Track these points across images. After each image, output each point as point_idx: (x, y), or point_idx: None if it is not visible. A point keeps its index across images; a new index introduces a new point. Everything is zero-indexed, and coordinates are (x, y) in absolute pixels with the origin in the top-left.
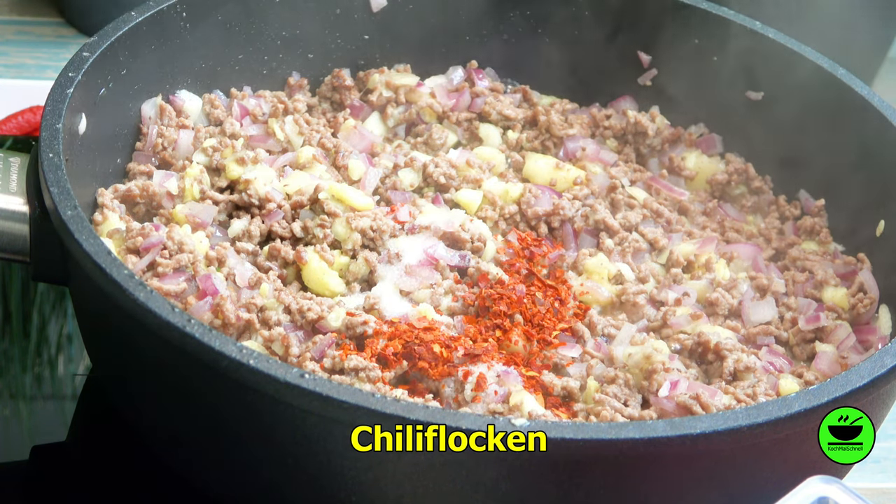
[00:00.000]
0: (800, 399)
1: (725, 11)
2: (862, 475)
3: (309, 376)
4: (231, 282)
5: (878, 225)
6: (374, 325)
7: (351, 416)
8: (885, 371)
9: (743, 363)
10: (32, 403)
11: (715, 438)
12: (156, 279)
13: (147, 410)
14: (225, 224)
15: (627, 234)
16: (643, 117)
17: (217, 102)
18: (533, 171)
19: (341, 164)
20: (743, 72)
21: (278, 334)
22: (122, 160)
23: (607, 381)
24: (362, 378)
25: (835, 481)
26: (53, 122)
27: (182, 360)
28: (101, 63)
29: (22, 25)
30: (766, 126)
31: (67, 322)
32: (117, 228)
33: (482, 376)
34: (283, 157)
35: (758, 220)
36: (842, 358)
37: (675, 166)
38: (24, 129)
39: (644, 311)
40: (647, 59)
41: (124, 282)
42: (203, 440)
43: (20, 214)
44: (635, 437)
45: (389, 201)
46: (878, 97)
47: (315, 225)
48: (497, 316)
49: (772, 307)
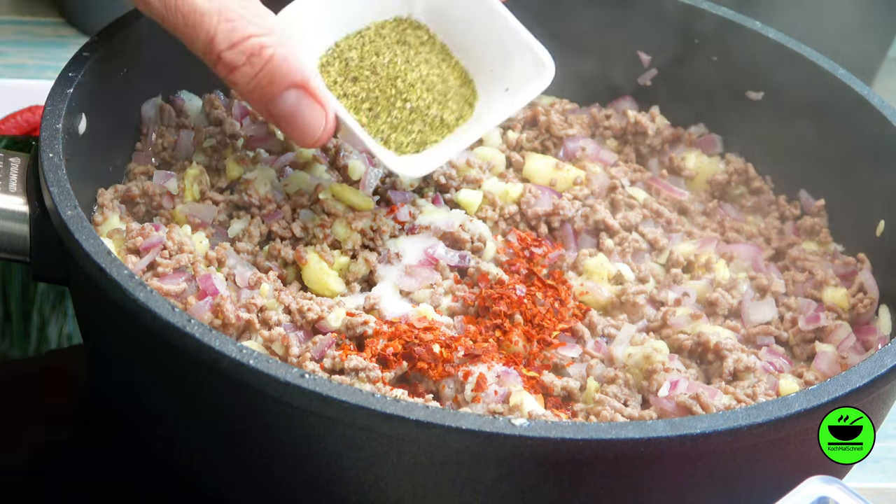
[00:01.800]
0: (800, 399)
1: (725, 11)
2: (862, 475)
3: (309, 376)
4: (231, 282)
5: (878, 225)
6: (374, 326)
7: (351, 416)
8: (885, 371)
9: (743, 363)
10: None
11: (715, 438)
12: (156, 279)
13: (147, 411)
14: (225, 224)
15: (627, 234)
16: (643, 117)
17: (217, 102)
18: (533, 171)
19: (341, 165)
20: (743, 72)
21: (278, 334)
22: (122, 160)
23: (607, 382)
24: (362, 378)
25: (835, 481)
26: (53, 122)
27: (182, 361)
28: (101, 63)
29: (22, 25)
30: (766, 126)
31: (67, 322)
32: (117, 228)
33: (482, 376)
34: (283, 158)
35: (758, 220)
36: (842, 358)
37: (675, 166)
38: (23, 128)
39: (644, 312)
40: (647, 59)
41: (124, 282)
42: (203, 440)
43: (20, 214)
44: (635, 437)
45: (389, 201)
46: (878, 97)
47: (315, 225)
48: (497, 316)
49: (772, 307)
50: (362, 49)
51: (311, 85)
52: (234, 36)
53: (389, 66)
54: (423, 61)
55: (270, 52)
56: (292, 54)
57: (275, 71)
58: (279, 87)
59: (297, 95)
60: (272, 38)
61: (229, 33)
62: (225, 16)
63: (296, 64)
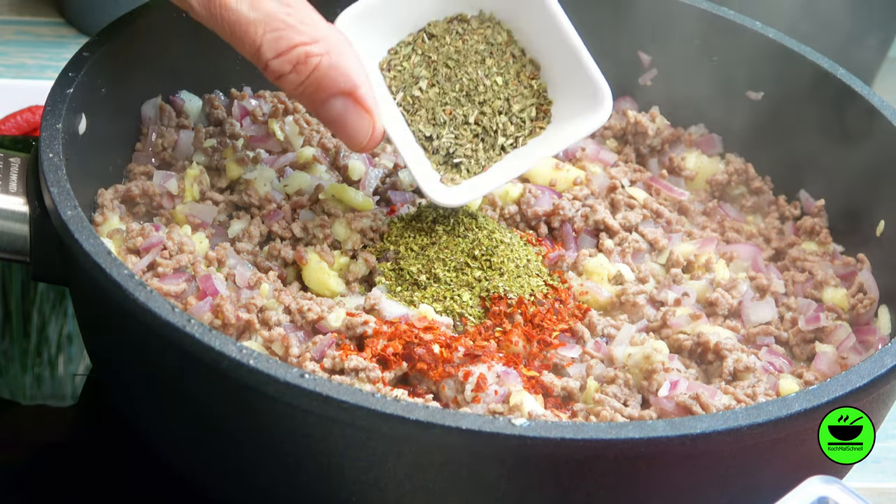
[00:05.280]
0: (800, 399)
1: (725, 11)
2: (862, 475)
3: (309, 376)
4: (231, 282)
5: (878, 225)
6: (374, 326)
7: (351, 416)
8: (885, 371)
9: (743, 363)
10: (32, 403)
11: (715, 438)
12: (156, 279)
13: (147, 410)
14: (225, 224)
15: (627, 234)
16: (643, 117)
17: (217, 102)
18: (533, 171)
19: (341, 165)
20: (743, 72)
21: (278, 334)
22: (122, 160)
23: (607, 382)
24: (362, 378)
25: (835, 481)
26: (53, 122)
27: (182, 361)
28: (101, 63)
29: (22, 25)
30: (766, 126)
31: (67, 322)
32: (117, 228)
33: (482, 377)
34: (283, 157)
35: (758, 220)
36: (842, 358)
37: (675, 166)
38: (23, 128)
39: (644, 312)
40: (647, 59)
41: (124, 282)
42: (203, 440)
43: (20, 214)
44: (635, 437)
45: (389, 201)
46: (878, 97)
47: (315, 225)
48: (497, 316)
49: (771, 307)
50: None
51: (358, 93)
52: (280, 45)
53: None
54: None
55: (317, 60)
56: (341, 62)
57: (321, 79)
58: (326, 95)
59: (343, 103)
60: (319, 45)
61: (275, 43)
62: (271, 25)
63: (343, 72)
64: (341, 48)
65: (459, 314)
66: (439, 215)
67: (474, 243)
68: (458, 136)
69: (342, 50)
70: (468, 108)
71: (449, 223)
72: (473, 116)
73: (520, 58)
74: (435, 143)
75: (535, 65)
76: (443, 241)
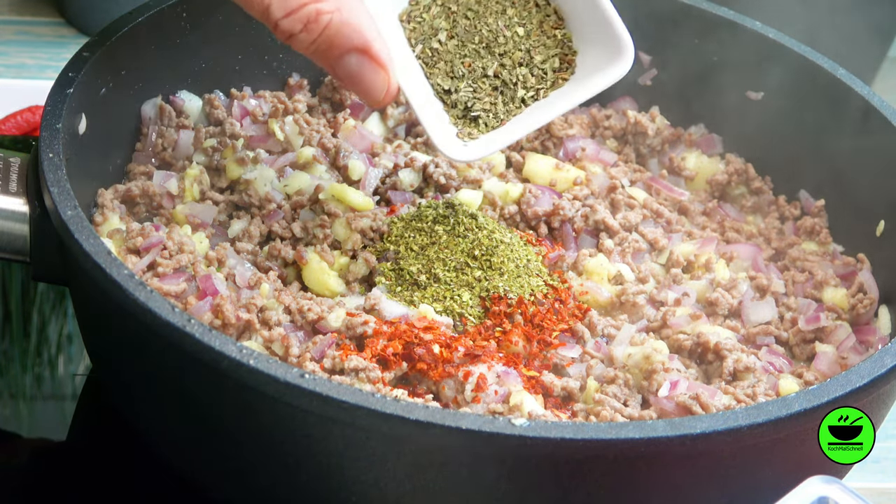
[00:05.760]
0: (800, 399)
1: (725, 11)
2: (862, 475)
3: (309, 376)
4: (231, 282)
5: (878, 225)
6: (374, 326)
7: (351, 416)
8: (885, 371)
9: (743, 363)
10: (32, 403)
11: (715, 438)
12: (156, 279)
13: (147, 410)
14: (225, 224)
15: (627, 234)
16: (643, 117)
17: (217, 102)
18: (533, 171)
19: (341, 165)
20: (742, 72)
21: (278, 334)
22: (122, 160)
23: (607, 382)
24: (362, 378)
25: (835, 481)
26: (53, 122)
27: (182, 360)
28: (101, 63)
29: (22, 25)
30: (766, 126)
31: (67, 322)
32: (117, 228)
33: (482, 377)
34: (283, 158)
35: (758, 221)
36: (842, 358)
37: (675, 166)
38: (23, 128)
39: (644, 312)
40: (647, 59)
41: (124, 282)
42: (203, 440)
43: (20, 214)
44: (635, 437)
45: (389, 201)
46: (878, 97)
47: (315, 225)
48: (497, 316)
49: (771, 307)
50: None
51: (372, 49)
52: (289, 4)
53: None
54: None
55: (328, 18)
56: (353, 18)
57: (333, 36)
58: (339, 52)
59: (358, 59)
60: (329, 2)
61: (284, 1)
62: None
63: (356, 28)
64: (352, 4)
65: (459, 314)
66: (439, 215)
67: (474, 243)
68: (476, 88)
69: (353, 6)
70: (487, 59)
71: (449, 223)
72: (493, 69)
73: (543, 7)
74: (453, 96)
75: (559, 14)
76: (443, 241)
